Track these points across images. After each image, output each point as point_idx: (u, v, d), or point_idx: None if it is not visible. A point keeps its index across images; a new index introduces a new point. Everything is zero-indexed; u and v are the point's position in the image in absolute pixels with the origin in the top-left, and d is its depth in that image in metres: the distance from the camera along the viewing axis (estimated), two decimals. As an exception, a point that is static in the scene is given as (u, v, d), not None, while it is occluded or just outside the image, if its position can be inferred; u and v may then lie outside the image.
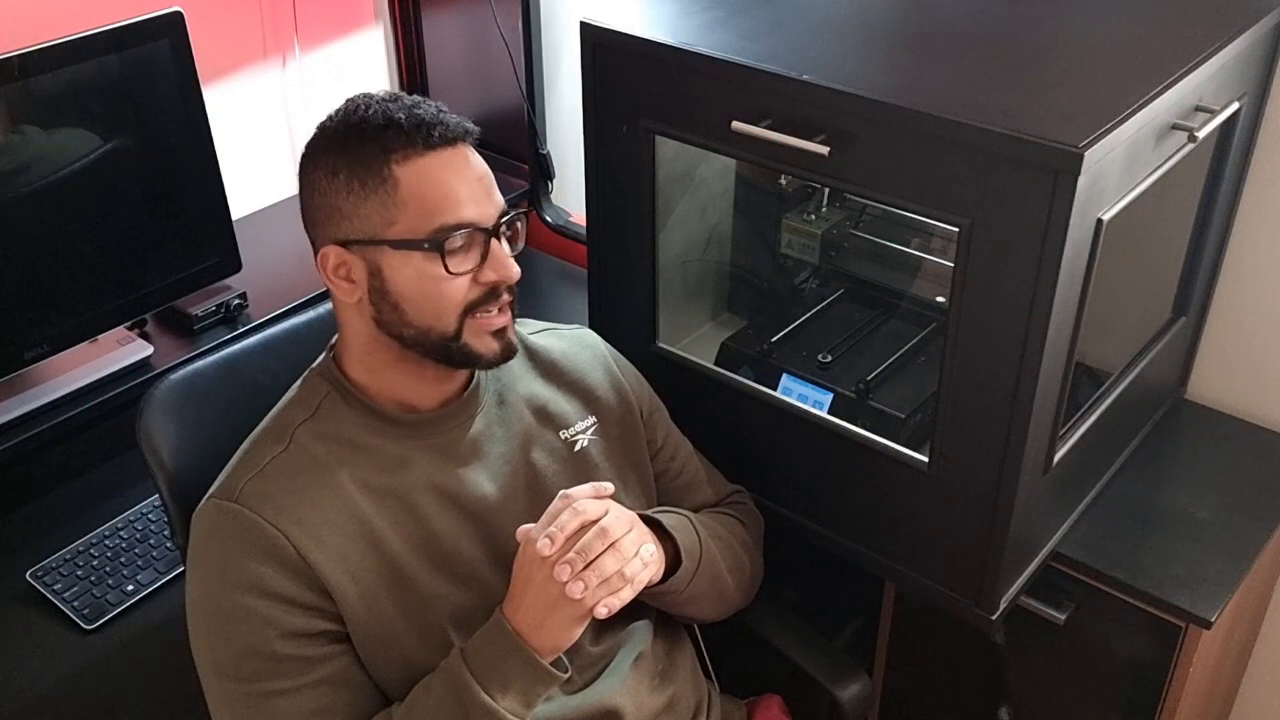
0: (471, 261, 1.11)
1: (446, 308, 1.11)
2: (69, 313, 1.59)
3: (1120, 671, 1.47)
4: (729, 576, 1.31)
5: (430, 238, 1.08)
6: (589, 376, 1.30)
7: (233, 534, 1.10)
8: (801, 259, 1.65)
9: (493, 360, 1.15)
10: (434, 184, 1.09)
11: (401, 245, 1.09)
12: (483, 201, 1.11)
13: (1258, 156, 1.49)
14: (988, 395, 1.20)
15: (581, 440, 1.27)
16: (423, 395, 1.18)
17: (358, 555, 1.11)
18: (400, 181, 1.08)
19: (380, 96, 1.12)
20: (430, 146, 1.09)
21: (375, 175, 1.08)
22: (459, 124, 1.11)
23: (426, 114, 1.10)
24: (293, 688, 1.08)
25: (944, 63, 1.27)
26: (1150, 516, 1.47)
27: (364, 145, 1.09)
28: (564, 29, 2.10)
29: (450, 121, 1.11)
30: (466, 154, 1.12)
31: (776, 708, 1.41)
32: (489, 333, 1.14)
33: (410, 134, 1.09)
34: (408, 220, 1.09)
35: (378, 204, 1.09)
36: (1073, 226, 1.08)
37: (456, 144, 1.11)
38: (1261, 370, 1.61)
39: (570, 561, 1.06)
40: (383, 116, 1.09)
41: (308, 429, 1.15)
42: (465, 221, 1.09)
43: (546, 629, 1.07)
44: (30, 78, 1.48)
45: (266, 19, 2.15)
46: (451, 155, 1.10)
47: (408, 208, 1.08)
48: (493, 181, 1.14)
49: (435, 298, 1.11)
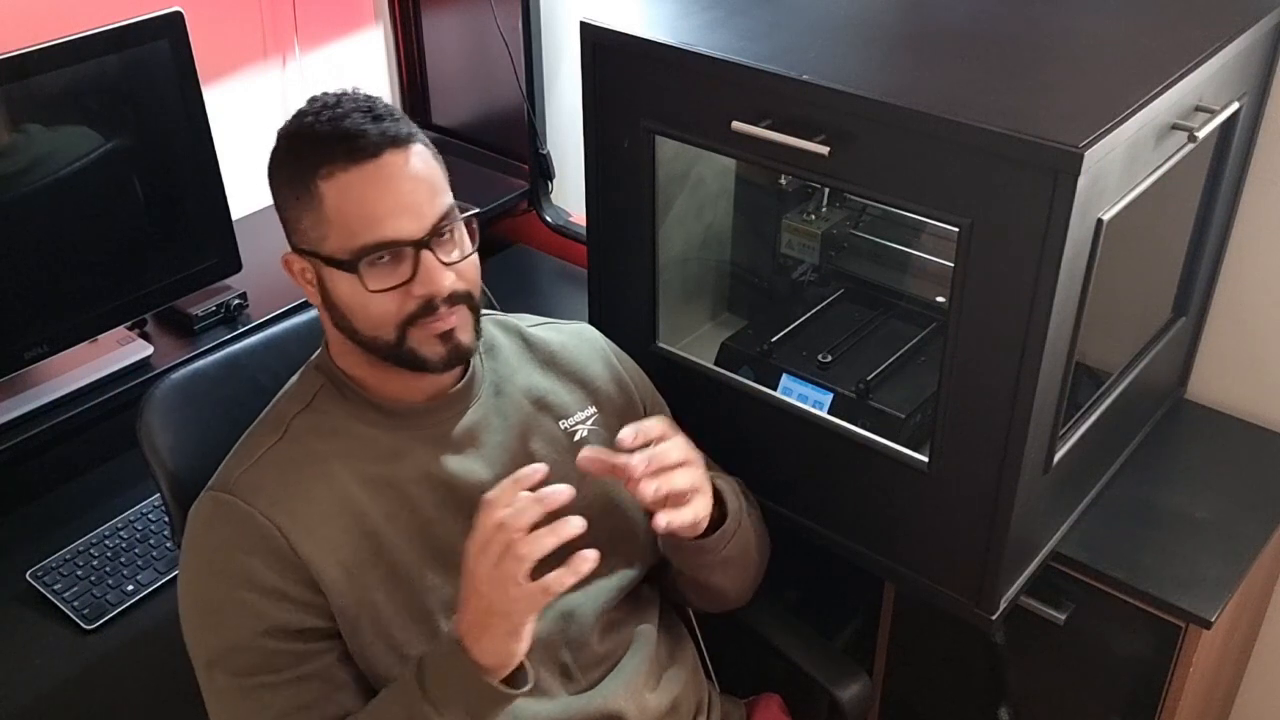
0: (400, 276, 1.09)
1: (382, 321, 1.10)
2: (69, 313, 1.59)
3: (1120, 671, 1.47)
4: (755, 552, 1.32)
5: (352, 257, 1.08)
6: (589, 368, 1.30)
7: (226, 525, 1.10)
8: (801, 259, 1.65)
9: (440, 365, 1.13)
10: (354, 201, 1.07)
11: (330, 262, 1.10)
12: (408, 214, 1.07)
13: (1258, 156, 1.49)
14: (988, 395, 1.20)
15: (582, 430, 1.27)
16: (410, 390, 1.17)
17: (351, 546, 1.11)
18: (325, 198, 1.08)
19: (321, 104, 1.10)
20: (353, 160, 1.06)
21: (306, 191, 1.09)
22: (382, 134, 1.07)
23: (352, 125, 1.07)
24: (277, 682, 1.08)
25: (944, 63, 1.27)
26: (1150, 516, 1.47)
27: (296, 160, 1.09)
28: (564, 29, 2.10)
29: (372, 132, 1.06)
30: (393, 164, 1.07)
31: (776, 707, 1.41)
32: (435, 336, 1.12)
33: (333, 149, 1.07)
34: (335, 237, 1.08)
35: (311, 219, 1.10)
36: (1073, 226, 1.08)
37: (381, 155, 1.07)
38: (1261, 370, 1.61)
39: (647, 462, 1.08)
40: (311, 130, 1.09)
41: (303, 420, 1.16)
42: (385, 240, 1.07)
43: (484, 644, 1.02)
44: (31, 78, 1.48)
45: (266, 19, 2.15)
46: (374, 169, 1.07)
47: (334, 225, 1.08)
48: (431, 187, 1.10)
49: (369, 312, 1.10)
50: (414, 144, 1.10)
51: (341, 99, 1.11)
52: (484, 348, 1.25)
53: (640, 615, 1.28)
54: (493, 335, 1.28)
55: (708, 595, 1.33)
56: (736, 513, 1.25)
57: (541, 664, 1.20)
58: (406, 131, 1.10)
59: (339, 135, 1.07)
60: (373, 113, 1.09)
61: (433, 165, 1.12)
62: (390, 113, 1.11)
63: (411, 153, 1.09)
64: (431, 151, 1.13)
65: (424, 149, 1.12)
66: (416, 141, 1.11)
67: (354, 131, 1.07)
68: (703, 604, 1.37)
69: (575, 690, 1.21)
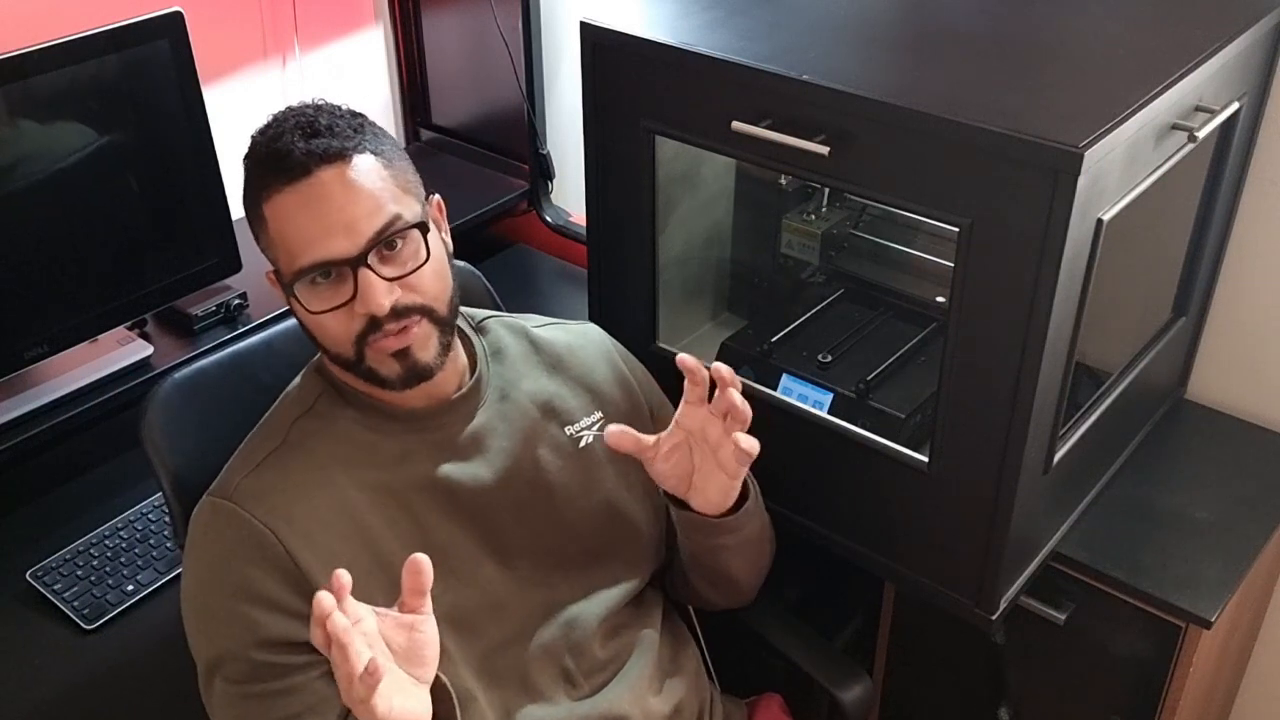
0: (342, 295, 1.07)
1: (336, 339, 1.10)
2: (69, 313, 1.59)
3: (1120, 671, 1.47)
4: (767, 538, 1.32)
5: (291, 280, 1.08)
6: (595, 371, 1.30)
7: (225, 533, 1.10)
8: (802, 259, 1.65)
9: (397, 383, 1.11)
10: (289, 223, 1.07)
11: (282, 284, 1.11)
12: (341, 232, 1.05)
13: (1258, 156, 1.49)
14: (988, 395, 1.20)
15: (586, 437, 1.26)
16: (411, 395, 1.16)
17: (349, 554, 1.11)
18: (268, 221, 1.08)
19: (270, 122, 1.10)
20: (286, 181, 1.06)
21: (257, 215, 1.10)
22: (310, 152, 1.05)
23: (283, 145, 1.06)
24: (268, 692, 1.08)
25: (944, 63, 1.27)
26: (1150, 516, 1.47)
27: (247, 185, 1.11)
28: (564, 29, 2.10)
29: (298, 151, 1.05)
30: (325, 181, 1.05)
31: (777, 707, 1.41)
32: (389, 355, 1.10)
33: (269, 171, 1.07)
34: (282, 259, 1.09)
35: (265, 241, 1.11)
36: (1073, 226, 1.08)
37: (311, 173, 1.05)
38: (1261, 370, 1.61)
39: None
40: (254, 152, 1.09)
41: (304, 425, 1.15)
42: (318, 261, 1.06)
43: None
44: (30, 78, 1.48)
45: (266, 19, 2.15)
46: (306, 188, 1.05)
47: (278, 247, 1.09)
48: (373, 201, 1.06)
49: (324, 332, 1.10)
50: (353, 156, 1.07)
51: (288, 115, 1.09)
52: (491, 351, 1.25)
53: (643, 620, 1.28)
54: (500, 338, 1.27)
55: (722, 585, 1.32)
56: (756, 496, 1.26)
57: (545, 670, 1.20)
58: (340, 146, 1.06)
59: (272, 156, 1.07)
60: (311, 128, 1.07)
61: (378, 175, 1.08)
62: (331, 125, 1.07)
63: (349, 166, 1.06)
64: (383, 159, 1.09)
65: (368, 160, 1.08)
66: (359, 153, 1.07)
67: (283, 151, 1.06)
68: (715, 597, 1.36)
69: (579, 696, 1.21)
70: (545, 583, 1.21)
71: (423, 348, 1.11)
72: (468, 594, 1.16)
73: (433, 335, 1.12)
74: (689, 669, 1.31)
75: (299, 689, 1.09)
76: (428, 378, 1.13)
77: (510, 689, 1.18)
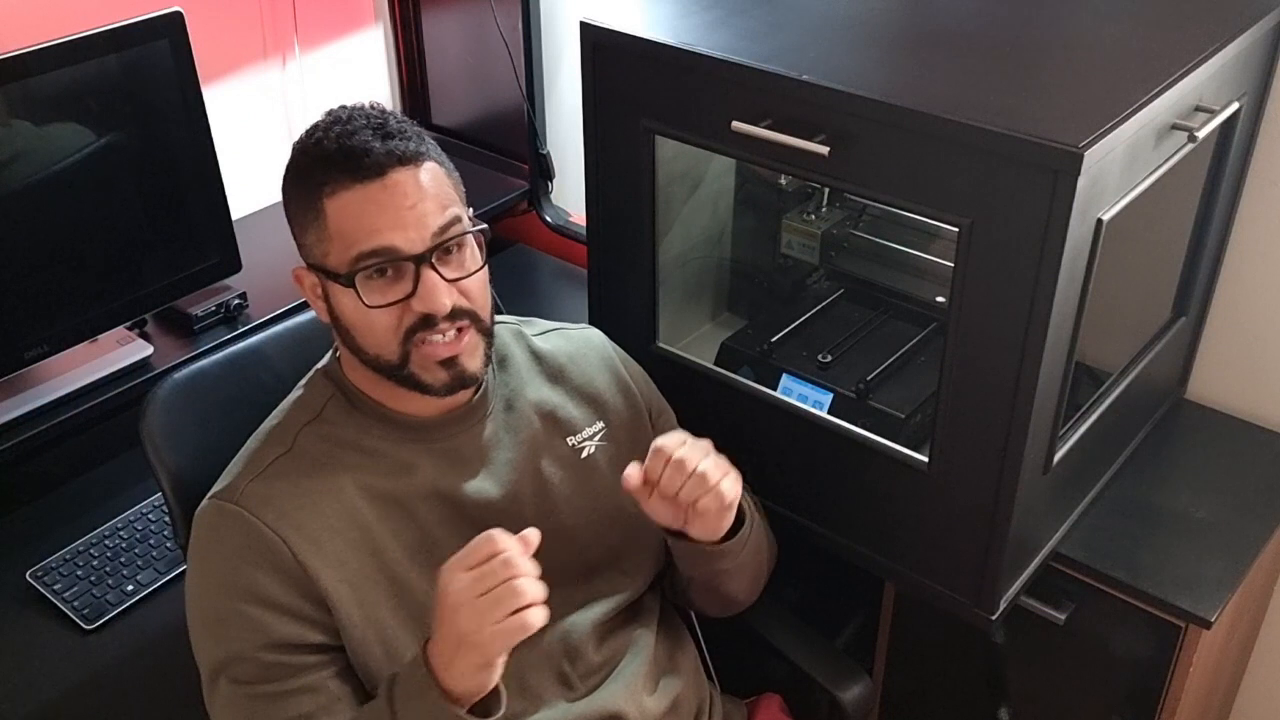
0: (399, 292, 1.08)
1: (383, 338, 1.10)
2: (69, 313, 1.59)
3: (1120, 671, 1.47)
4: (764, 555, 1.32)
5: (350, 269, 1.08)
6: (596, 380, 1.30)
7: (232, 536, 1.10)
8: (801, 259, 1.65)
9: (441, 390, 1.12)
10: (354, 217, 1.07)
11: (332, 277, 1.10)
12: (409, 228, 1.07)
13: (1258, 156, 1.49)
14: (988, 395, 1.20)
15: (589, 447, 1.26)
16: (422, 405, 1.17)
17: (356, 561, 1.11)
18: (328, 215, 1.08)
19: (337, 118, 1.10)
20: (357, 179, 1.06)
21: (311, 209, 1.09)
22: (389, 152, 1.07)
23: (358, 143, 1.06)
24: (277, 693, 1.08)
25: (944, 63, 1.27)
26: (1150, 516, 1.47)
27: (304, 177, 1.10)
28: (564, 29, 2.10)
29: (377, 151, 1.06)
30: (398, 182, 1.07)
31: (777, 707, 1.41)
32: (436, 362, 1.11)
33: (338, 167, 1.07)
34: (336, 253, 1.08)
35: (315, 235, 1.10)
36: (1073, 226, 1.08)
37: (386, 174, 1.06)
38: (1261, 370, 1.61)
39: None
40: (319, 148, 1.09)
41: (311, 431, 1.15)
42: (381, 245, 1.06)
43: (454, 671, 1.00)
44: (31, 78, 1.48)
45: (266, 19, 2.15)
46: (378, 187, 1.06)
47: (335, 241, 1.08)
48: (438, 204, 1.09)
49: (370, 328, 1.10)
50: (424, 162, 1.09)
51: (354, 114, 1.10)
52: (497, 360, 1.25)
53: (638, 622, 1.28)
54: (505, 345, 1.27)
55: (720, 602, 1.34)
56: (751, 517, 1.25)
57: (541, 675, 1.20)
58: (415, 149, 1.09)
59: (345, 153, 1.07)
60: (383, 130, 1.08)
61: (442, 182, 1.11)
62: (402, 130, 1.09)
63: (420, 170, 1.09)
64: (445, 169, 1.13)
65: (435, 166, 1.11)
66: (427, 159, 1.10)
67: (359, 149, 1.06)
68: (713, 611, 1.37)
69: (574, 697, 1.21)
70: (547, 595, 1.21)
71: (471, 356, 1.13)
72: None
73: (480, 345, 1.14)
74: (687, 668, 1.31)
75: (311, 689, 1.09)
76: (470, 386, 1.15)
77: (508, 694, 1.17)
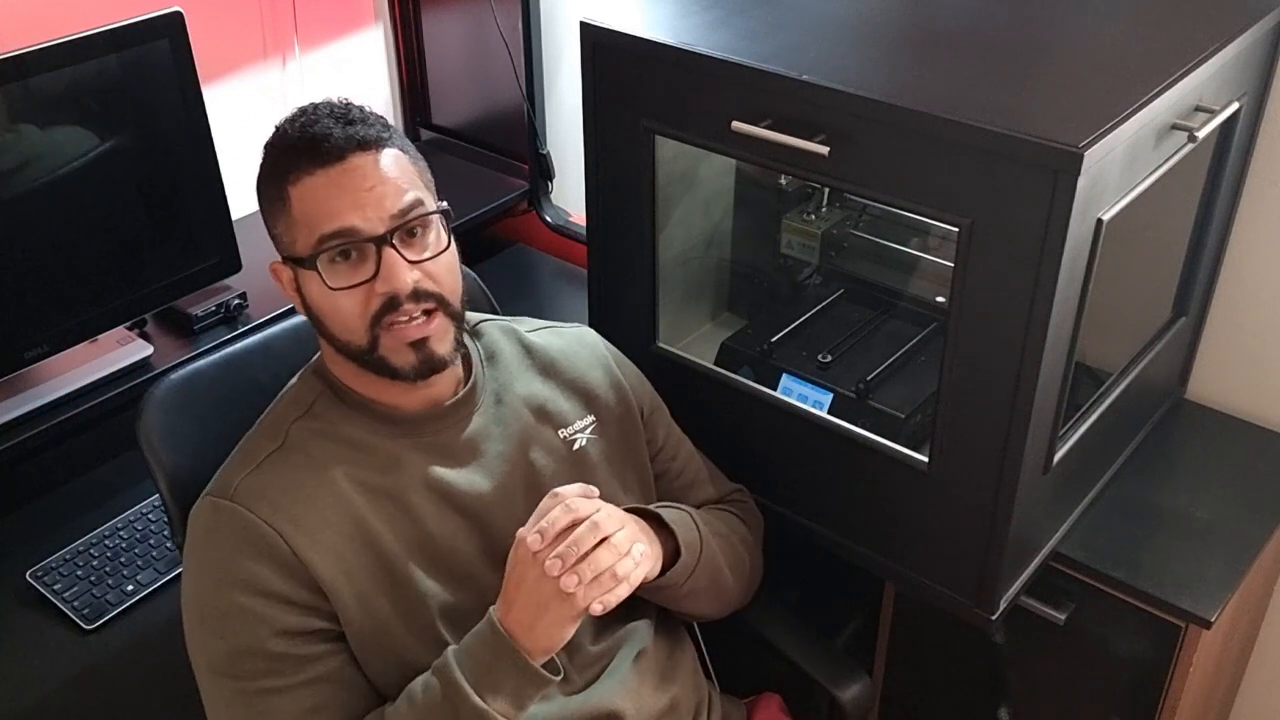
0: (362, 274, 1.09)
1: (350, 322, 1.10)
2: (69, 313, 1.59)
3: (1120, 671, 1.47)
4: (729, 573, 1.31)
5: (312, 251, 1.09)
6: (588, 375, 1.30)
7: (228, 532, 1.10)
8: (801, 259, 1.65)
9: (410, 374, 1.12)
10: (316, 201, 1.08)
11: (298, 263, 1.11)
12: (369, 209, 1.07)
13: (1258, 156, 1.49)
14: (988, 395, 1.20)
15: (580, 440, 1.26)
16: (410, 399, 1.17)
17: (352, 553, 1.11)
18: (292, 202, 1.09)
19: (302, 111, 1.12)
20: (319, 164, 1.08)
21: (279, 198, 1.10)
22: (349, 137, 1.08)
23: (320, 130, 1.08)
24: (286, 686, 1.08)
25: (944, 63, 1.27)
26: (1150, 516, 1.47)
27: (270, 169, 1.12)
28: (564, 29, 2.10)
29: (337, 135, 1.08)
30: (358, 165, 1.08)
31: (776, 707, 1.41)
32: (405, 344, 1.11)
33: (301, 154, 1.09)
34: (302, 239, 1.10)
35: (284, 224, 1.11)
36: (1073, 226, 1.08)
37: (346, 158, 1.08)
38: (1261, 370, 1.61)
39: (562, 555, 1.05)
40: (284, 139, 1.11)
41: (302, 426, 1.16)
42: (343, 228, 1.07)
43: (539, 630, 1.06)
44: (30, 78, 1.48)
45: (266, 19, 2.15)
46: (338, 171, 1.08)
47: (300, 227, 1.09)
48: (399, 187, 1.09)
49: (336, 311, 1.11)
50: (385, 147, 1.10)
51: (318, 106, 1.12)
52: (486, 355, 1.25)
53: (635, 614, 1.28)
54: (494, 341, 1.27)
55: (689, 616, 1.34)
56: (693, 545, 1.24)
57: None
58: (376, 135, 1.10)
59: (306, 140, 1.09)
60: (345, 118, 1.10)
61: (406, 168, 1.12)
62: (364, 117, 1.11)
63: (380, 155, 1.10)
64: (409, 156, 1.13)
65: (397, 152, 1.12)
66: (389, 145, 1.11)
67: (320, 135, 1.08)
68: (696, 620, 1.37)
69: (571, 691, 1.21)
70: None
71: (440, 340, 1.13)
72: (464, 595, 1.16)
73: (450, 329, 1.14)
74: (686, 666, 1.31)
75: (321, 679, 1.09)
76: (440, 370, 1.14)
77: None
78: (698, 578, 1.25)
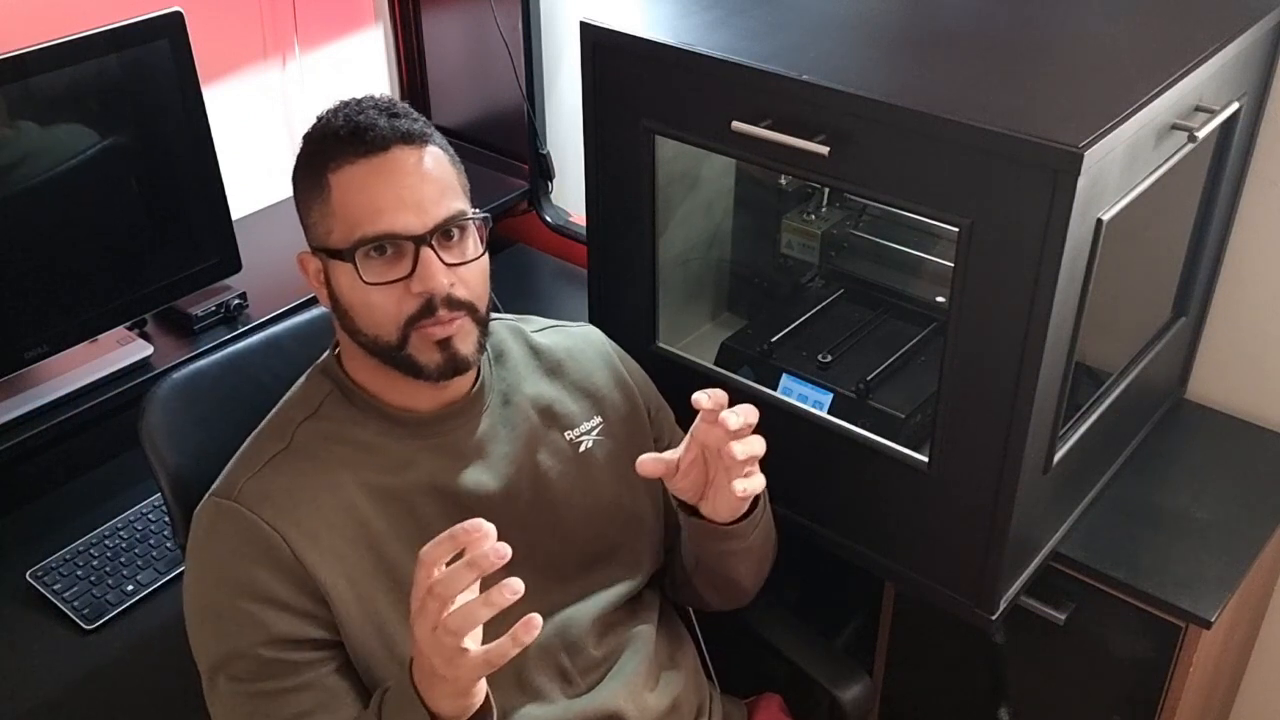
0: (398, 272, 1.09)
1: (382, 319, 1.10)
2: (69, 313, 1.59)
3: (1120, 671, 1.47)
4: (771, 541, 1.33)
5: (350, 248, 1.08)
6: (595, 376, 1.30)
7: (230, 533, 1.10)
8: (802, 259, 1.65)
9: (434, 373, 1.12)
10: (357, 191, 1.08)
11: (333, 255, 1.10)
12: (411, 209, 1.07)
13: (1258, 156, 1.49)
14: (988, 395, 1.20)
15: (586, 441, 1.26)
16: (419, 399, 1.17)
17: (355, 556, 1.11)
18: (332, 190, 1.09)
19: (346, 103, 1.12)
20: (361, 154, 1.08)
21: (317, 185, 1.10)
22: (394, 129, 1.08)
23: (365, 120, 1.09)
24: (277, 689, 1.08)
25: (944, 63, 1.27)
26: (1150, 516, 1.47)
27: (311, 156, 1.11)
28: (564, 29, 2.10)
29: (383, 126, 1.08)
30: (402, 159, 1.09)
31: (776, 707, 1.41)
32: (433, 343, 1.11)
33: (344, 142, 1.08)
34: (339, 229, 1.09)
35: (320, 213, 1.11)
36: (1073, 226, 1.08)
37: (390, 149, 1.08)
38: (1261, 370, 1.61)
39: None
40: (327, 125, 1.10)
41: (308, 428, 1.15)
42: (383, 232, 1.07)
43: (433, 694, 0.98)
44: (30, 77, 1.48)
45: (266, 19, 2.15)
46: (382, 161, 1.08)
47: (338, 217, 1.09)
48: (441, 188, 1.10)
49: (369, 308, 1.10)
50: (428, 144, 1.11)
51: (363, 100, 1.12)
52: (494, 354, 1.25)
53: (638, 617, 1.28)
54: (502, 341, 1.27)
55: (725, 590, 1.33)
56: (765, 501, 1.26)
57: (540, 669, 1.20)
58: (420, 130, 1.11)
59: (351, 128, 1.09)
60: (391, 111, 1.11)
61: (446, 168, 1.12)
62: (409, 113, 1.12)
63: (424, 152, 1.10)
64: (449, 156, 1.14)
65: (439, 151, 1.12)
66: (432, 143, 1.12)
67: (365, 125, 1.08)
68: (715, 600, 1.36)
69: (574, 694, 1.21)
70: (544, 587, 1.21)
71: (464, 341, 1.13)
72: None
73: (474, 332, 1.14)
74: (687, 667, 1.31)
75: (310, 685, 1.09)
76: (463, 371, 1.14)
77: (507, 689, 1.18)
78: (760, 531, 1.25)
